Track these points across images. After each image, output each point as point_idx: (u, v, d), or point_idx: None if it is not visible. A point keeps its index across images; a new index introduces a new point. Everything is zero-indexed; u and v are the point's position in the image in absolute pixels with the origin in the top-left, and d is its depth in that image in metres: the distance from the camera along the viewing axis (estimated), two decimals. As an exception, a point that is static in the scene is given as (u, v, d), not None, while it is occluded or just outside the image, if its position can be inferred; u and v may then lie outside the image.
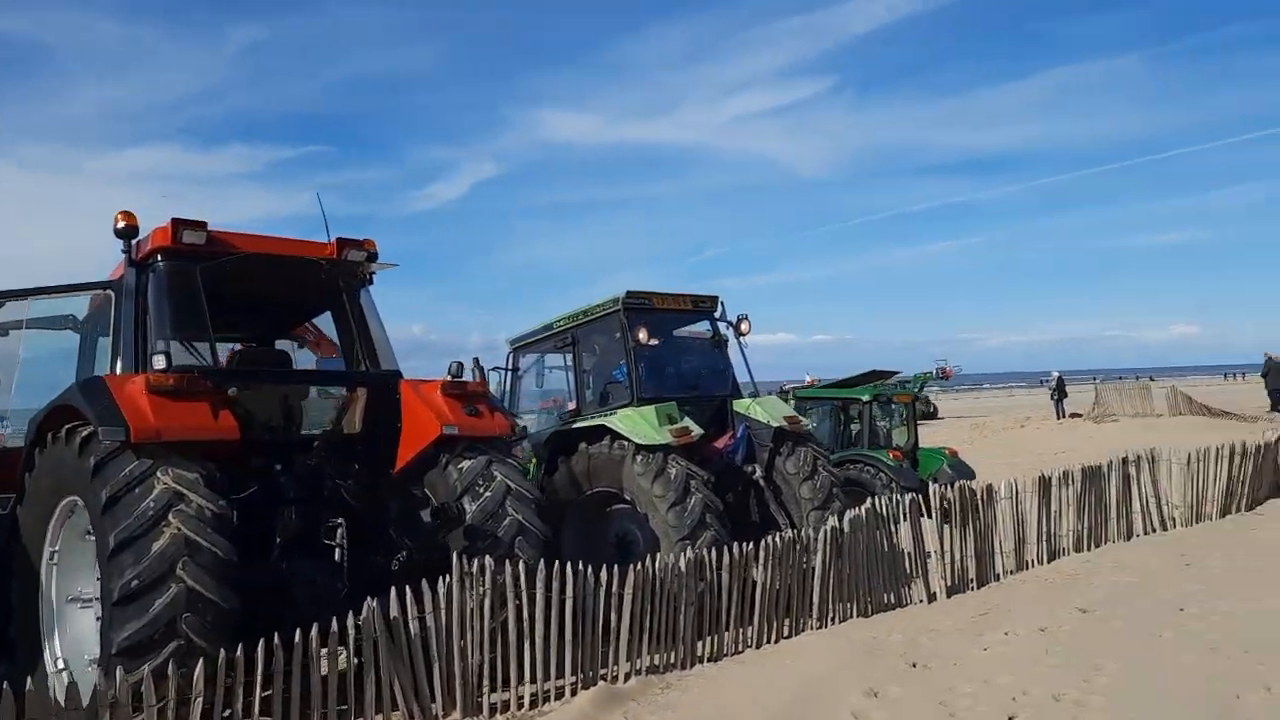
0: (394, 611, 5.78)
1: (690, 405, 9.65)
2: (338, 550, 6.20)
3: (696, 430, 8.58)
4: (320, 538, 6.28)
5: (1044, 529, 10.84)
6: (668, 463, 8.22)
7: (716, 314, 9.92)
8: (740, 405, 9.63)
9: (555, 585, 6.45)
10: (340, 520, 6.22)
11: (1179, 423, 31.45)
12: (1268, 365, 35.42)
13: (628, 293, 9.07)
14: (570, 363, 9.62)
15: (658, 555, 7.22)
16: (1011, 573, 10.29)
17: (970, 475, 16.05)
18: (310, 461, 6.58)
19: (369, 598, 5.64)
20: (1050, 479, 11.11)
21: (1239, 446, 13.39)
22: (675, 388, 9.72)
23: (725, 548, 7.61)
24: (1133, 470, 12.22)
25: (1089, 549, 11.23)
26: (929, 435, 34.27)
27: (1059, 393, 35.93)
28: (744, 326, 9.86)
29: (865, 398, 16.52)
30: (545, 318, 9.77)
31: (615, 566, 6.71)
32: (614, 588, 6.73)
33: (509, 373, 10.08)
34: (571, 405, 9.52)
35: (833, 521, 8.36)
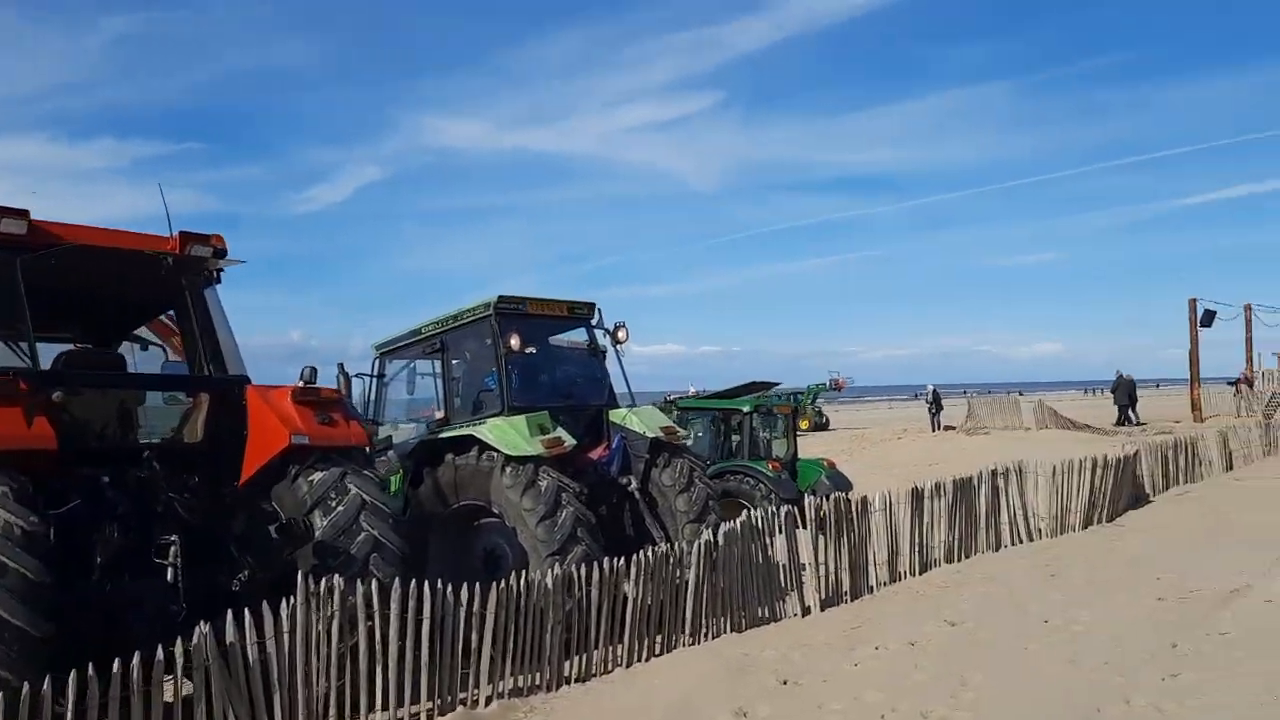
0: (230, 636, 5.32)
1: (564, 415, 9.34)
2: (170, 570, 5.68)
3: (569, 441, 8.28)
4: (152, 556, 5.75)
5: (916, 540, 10.90)
6: (538, 475, 7.89)
7: (593, 321, 9.65)
8: (616, 415, 9.36)
9: (411, 605, 6.06)
10: (174, 537, 5.70)
11: (1045, 436, 32.59)
12: (1117, 382, 37.07)
13: (500, 297, 8.71)
14: (439, 369, 9.19)
15: (525, 571, 6.90)
16: (885, 584, 10.29)
17: (848, 486, 16.16)
18: (142, 473, 6.03)
19: (202, 621, 5.16)
20: (923, 491, 11.19)
21: (1100, 459, 13.79)
22: (549, 397, 9.40)
23: (596, 563, 7.34)
24: (1001, 482, 12.43)
25: (959, 560, 11.34)
26: (812, 446, 34.78)
27: (935, 406, 36.90)
28: (621, 335, 9.61)
29: (745, 409, 16.48)
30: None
31: (477, 584, 6.35)
32: (475, 607, 6.37)
33: (374, 379, 9.58)
34: (440, 414, 9.11)
35: (707, 535, 8.17)
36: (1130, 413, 35.68)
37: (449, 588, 6.18)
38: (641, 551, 7.54)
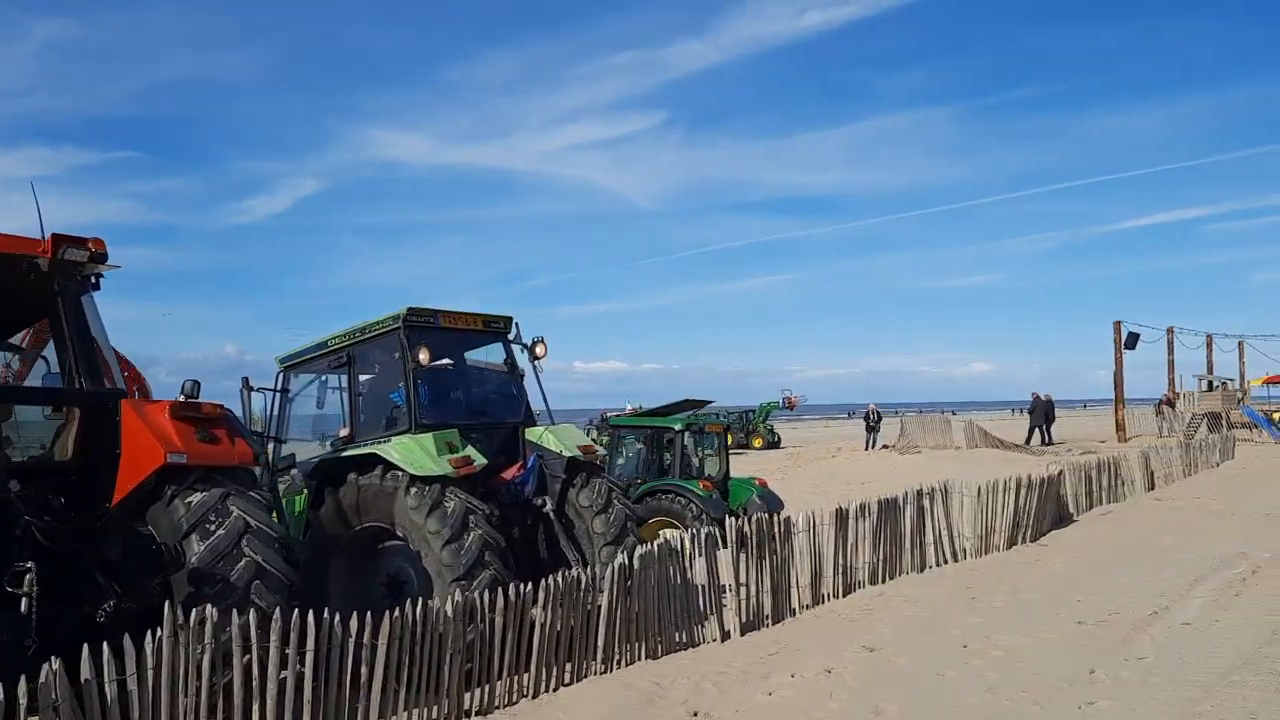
0: (86, 672, 4.86)
1: (478, 433, 8.96)
2: (24, 600, 5.20)
3: (480, 460, 7.90)
4: (3, 585, 5.26)
5: (841, 562, 10.69)
6: (445, 495, 7.50)
7: (511, 336, 9.29)
8: (533, 434, 9.01)
9: (294, 636, 5.64)
10: (29, 564, 5.22)
11: (976, 455, 32.85)
12: (1034, 403, 37.58)
13: (409, 309, 8.31)
14: (345, 384, 8.75)
15: (422, 598, 6.51)
16: (807, 607, 10.05)
17: (779, 505, 15.97)
18: (-3, 494, 5.53)
19: (54, 657, 4.70)
20: (847, 511, 11.00)
21: (1025, 479, 13.75)
22: (461, 413, 9.01)
23: (501, 588, 6.98)
24: (927, 502, 12.30)
25: (884, 581, 11.16)
26: (748, 465, 34.61)
27: (874, 424, 36.93)
28: (539, 350, 9.26)
29: (677, 427, 16.23)
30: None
31: (369, 613, 5.95)
32: (366, 637, 5.96)
33: (277, 394, 9.10)
34: (345, 431, 8.66)
35: (621, 558, 7.85)
36: (1044, 433, 36.19)
37: (336, 617, 5.77)
38: (551, 576, 7.20)
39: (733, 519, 9.62)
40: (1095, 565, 11.45)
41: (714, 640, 8.77)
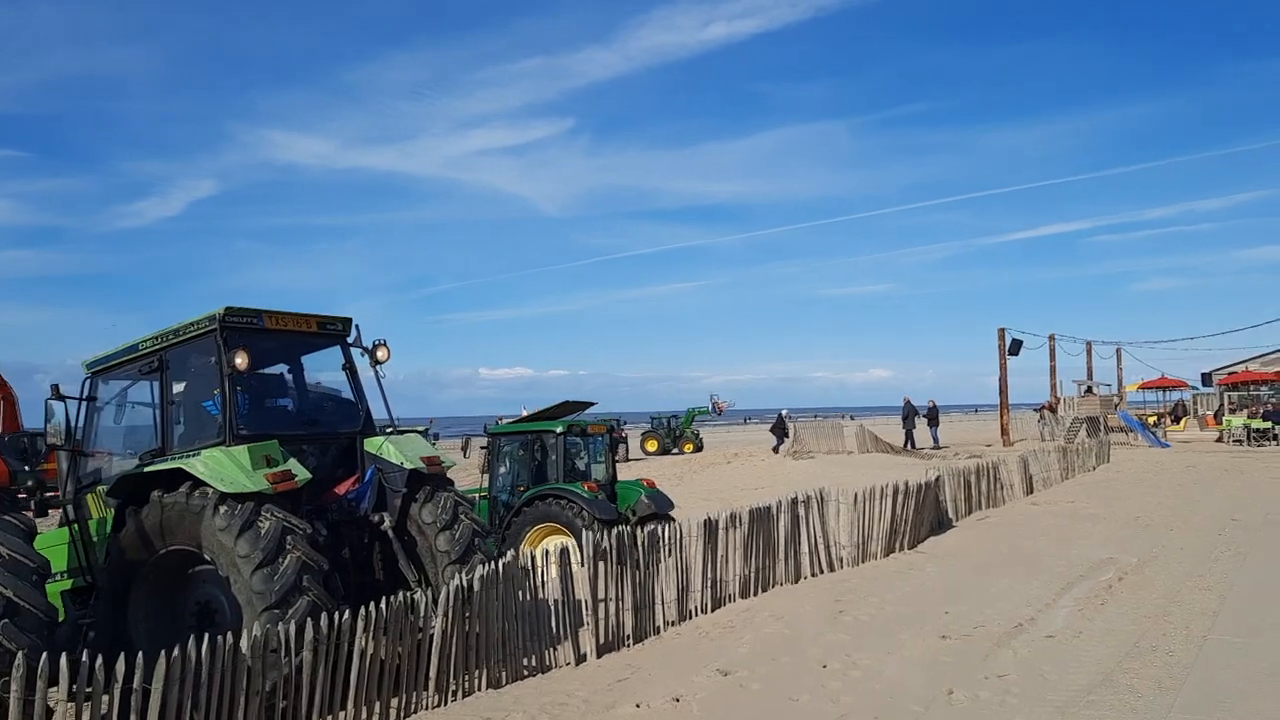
0: None
1: (310, 444, 8.22)
2: None
3: (302, 474, 7.15)
4: None
5: (710, 575, 10.22)
6: (259, 514, 6.74)
7: (351, 338, 8.55)
8: (372, 445, 8.28)
9: (41, 684, 4.85)
10: None
11: (867, 459, 33.06)
12: (906, 409, 38.10)
13: (227, 309, 7.50)
14: (158, 392, 7.89)
15: (212, 634, 5.77)
16: (673, 624, 9.54)
17: (669, 506, 15.53)
18: None
19: None
20: (717, 522, 10.54)
21: (903, 486, 13.53)
22: (288, 423, 8.24)
23: (324, 615, 6.28)
24: (802, 511, 11.94)
25: (755, 594, 10.72)
26: (633, 469, 34.12)
27: (781, 431, 36.70)
28: (381, 354, 8.53)
29: (558, 430, 15.63)
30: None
31: (140, 654, 5.19)
32: (137, 681, 5.19)
33: (84, 403, 8.18)
34: (158, 443, 7.80)
35: (458, 579, 7.20)
36: (923, 436, 36.77)
37: (98, 658, 5.00)
38: (374, 603, 6.51)
39: (589, 534, 9.05)
40: (968, 574, 11.22)
41: (568, 664, 8.18)
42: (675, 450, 45.85)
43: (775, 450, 36.28)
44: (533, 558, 8.38)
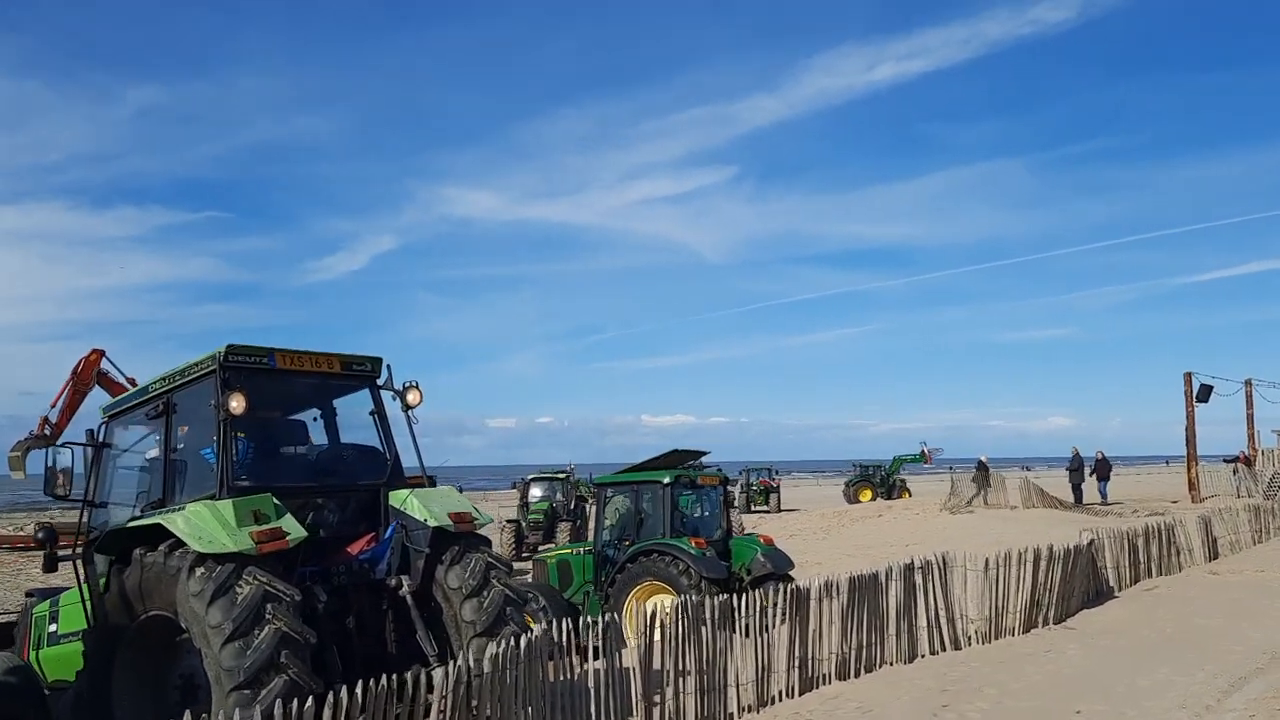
0: None
1: (326, 497, 7.47)
2: None
3: (296, 533, 6.36)
4: None
5: (798, 653, 8.88)
6: (239, 579, 5.99)
7: (381, 380, 7.80)
8: (396, 499, 7.46)
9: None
10: None
11: (1031, 515, 30.39)
12: (1073, 461, 34.72)
13: (229, 347, 6.86)
14: (162, 437, 7.33)
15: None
16: (750, 710, 8.27)
17: (787, 565, 14.21)
18: None
19: None
20: (808, 591, 9.20)
21: (1047, 550, 11.75)
22: (301, 474, 7.52)
23: (295, 699, 5.43)
24: (919, 579, 10.41)
25: (855, 676, 9.29)
26: (785, 522, 32.41)
27: (983, 478, 33.98)
28: (412, 397, 7.74)
29: (665, 480, 14.58)
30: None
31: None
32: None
33: (97, 449, 7.70)
34: (160, 495, 7.20)
35: (461, 662, 6.21)
36: (1099, 491, 33.50)
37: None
38: (362, 683, 5.60)
39: (657, 604, 7.93)
40: (1118, 659, 9.42)
41: (611, 756, 7.07)
42: (894, 497, 44.26)
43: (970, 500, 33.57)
44: (566, 630, 7.34)
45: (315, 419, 7.84)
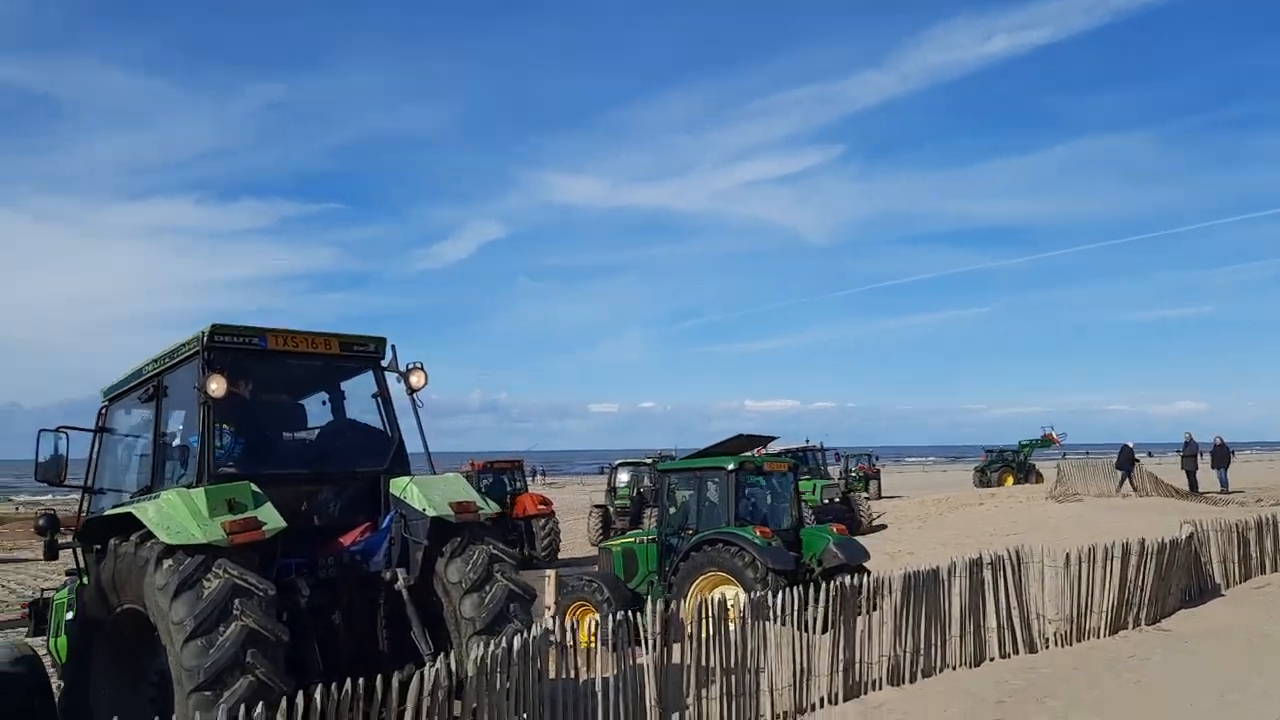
0: None
1: (322, 485, 7.10)
2: None
3: (274, 523, 5.97)
4: None
5: (843, 656, 8.17)
6: (207, 572, 5.64)
7: (385, 361, 7.38)
8: (397, 486, 7.03)
9: None
10: None
11: (1144, 504, 28.60)
12: (1188, 447, 32.31)
13: (214, 326, 6.51)
14: (153, 421, 7.04)
15: None
16: (784, 718, 7.62)
17: (862, 556, 13.47)
18: None
19: None
20: (858, 587, 8.48)
21: (1137, 545, 10.70)
22: (292, 460, 7.15)
23: (261, 702, 5.06)
24: (988, 575, 9.55)
25: (911, 680, 8.53)
26: (903, 508, 31.22)
27: (1128, 464, 31.95)
28: (416, 379, 7.29)
29: (730, 467, 13.96)
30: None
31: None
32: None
33: (97, 434, 7.50)
34: (148, 481, 6.93)
35: (440, 664, 5.73)
36: (1195, 481, 31.28)
37: None
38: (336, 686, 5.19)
39: (654, 605, 7.35)
40: (1211, 667, 8.42)
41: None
42: (1030, 481, 42.49)
43: (1119, 488, 31.67)
44: (563, 629, 6.82)
45: (319, 403, 7.48)
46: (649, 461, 33.54)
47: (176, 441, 6.83)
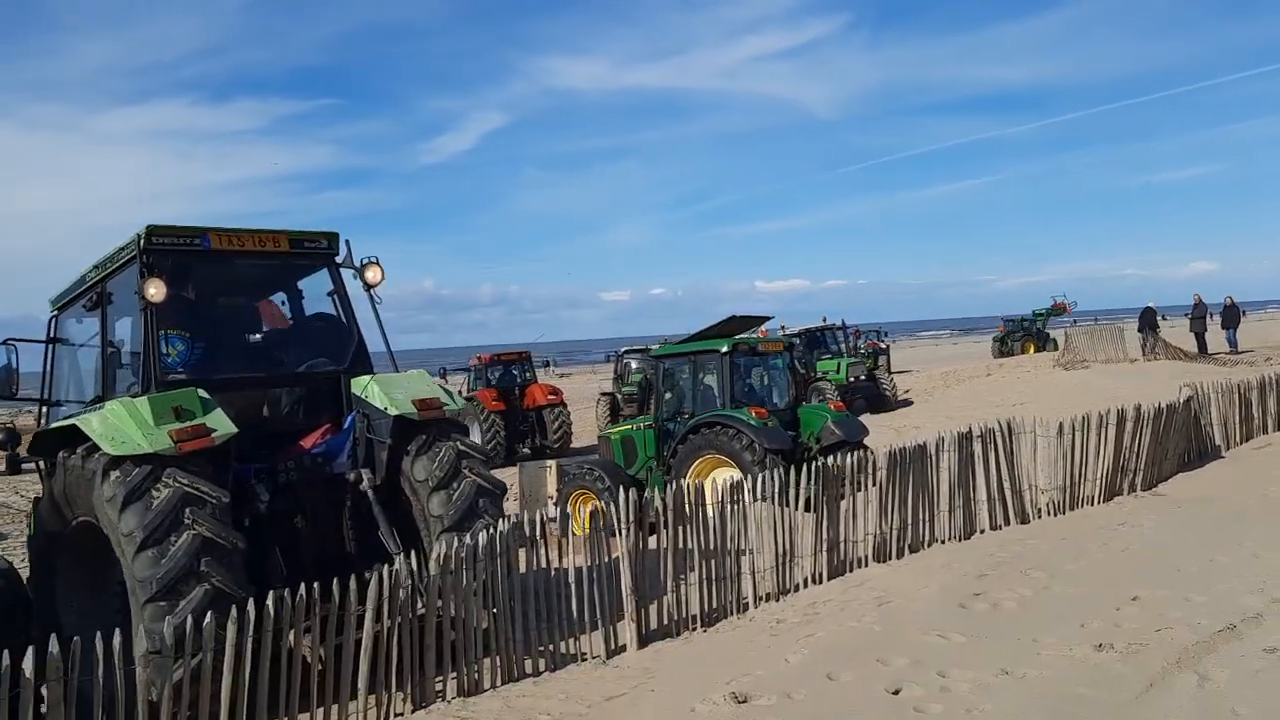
0: None
1: (279, 388, 6.90)
2: None
3: (224, 429, 5.78)
4: None
5: (825, 535, 8.06)
6: (157, 481, 5.48)
7: (339, 257, 7.08)
8: (357, 386, 6.82)
9: None
10: None
11: (1153, 368, 28.34)
12: (1197, 309, 31.72)
13: (150, 227, 6.21)
14: (99, 330, 6.80)
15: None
16: (769, 598, 7.56)
17: (861, 433, 13.35)
18: None
19: None
20: (842, 467, 8.33)
21: (1132, 411, 10.50)
22: (245, 364, 6.93)
23: (220, 609, 5.00)
24: (978, 448, 9.38)
25: (899, 556, 8.45)
26: (910, 382, 31.00)
27: (1150, 327, 31.59)
28: (372, 274, 7.00)
29: (723, 349, 13.72)
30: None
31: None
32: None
33: (49, 344, 7.28)
34: (98, 391, 6.73)
35: (399, 564, 5.62)
36: (1204, 342, 30.87)
37: None
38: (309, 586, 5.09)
39: (655, 495, 7.21)
40: (1201, 530, 8.27)
41: (597, 658, 6.48)
42: (1049, 350, 41.95)
43: (1146, 351, 31.16)
44: (530, 524, 6.69)
45: (263, 302, 7.22)
46: (656, 348, 33.35)
47: (125, 349, 6.61)
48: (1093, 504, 9.99)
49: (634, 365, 31.96)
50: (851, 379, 27.65)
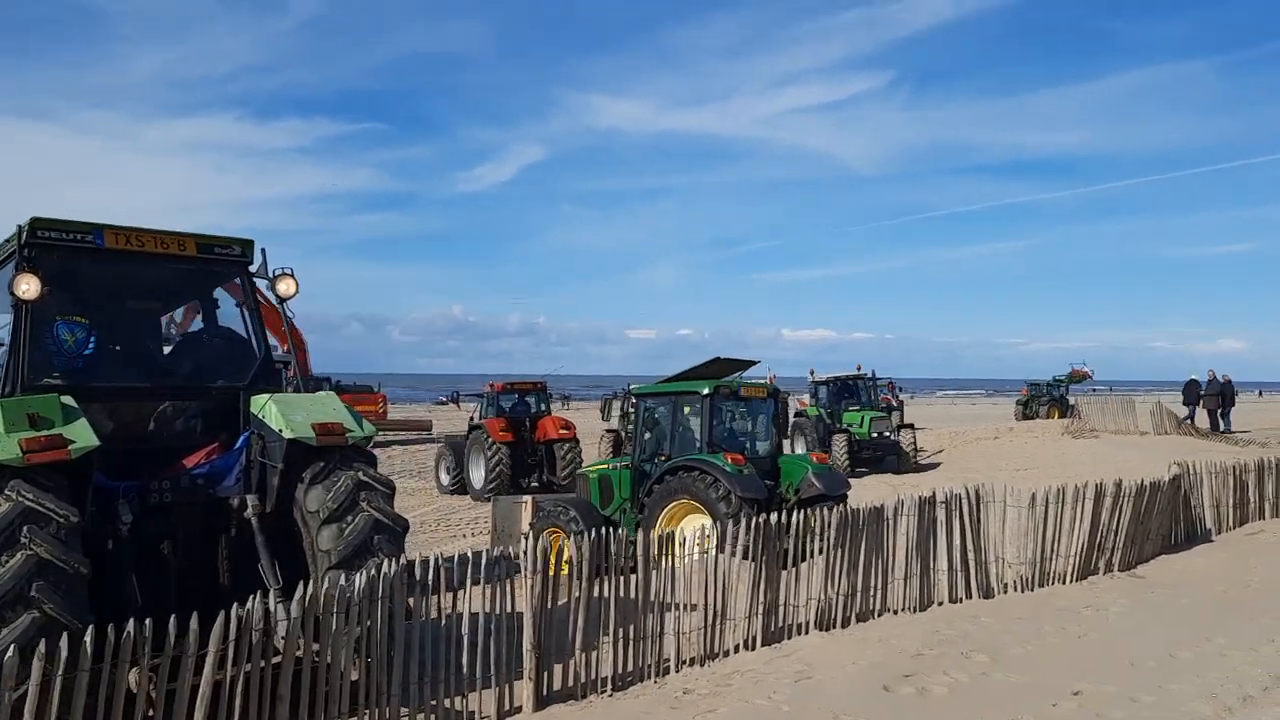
0: None
1: (170, 400, 6.39)
2: None
3: (83, 440, 5.27)
4: None
5: (763, 598, 7.41)
6: None
7: (253, 267, 6.59)
8: (255, 404, 6.30)
9: None
10: None
11: (1161, 442, 27.45)
12: (1210, 386, 30.61)
13: (34, 220, 5.76)
14: None
15: None
16: (693, 663, 6.90)
17: (842, 487, 12.63)
18: None
19: None
20: (785, 526, 7.68)
21: (1112, 487, 9.80)
22: (132, 373, 6.42)
23: (50, 639, 4.44)
24: (940, 514, 8.71)
25: (844, 625, 7.78)
26: (919, 441, 30.13)
27: (1194, 399, 30.54)
28: (284, 286, 6.50)
29: (704, 391, 13.08)
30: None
31: None
32: None
33: None
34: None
35: (254, 602, 5.04)
36: (1218, 418, 29.83)
37: None
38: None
39: (622, 534, 6.63)
40: (1169, 620, 7.57)
41: (486, 718, 5.86)
42: (1070, 416, 40.96)
43: (1190, 420, 29.83)
44: (428, 567, 6.10)
45: (162, 309, 6.74)
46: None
47: (2, 350, 6.12)
48: (1064, 582, 9.28)
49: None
50: (875, 434, 25.63)
